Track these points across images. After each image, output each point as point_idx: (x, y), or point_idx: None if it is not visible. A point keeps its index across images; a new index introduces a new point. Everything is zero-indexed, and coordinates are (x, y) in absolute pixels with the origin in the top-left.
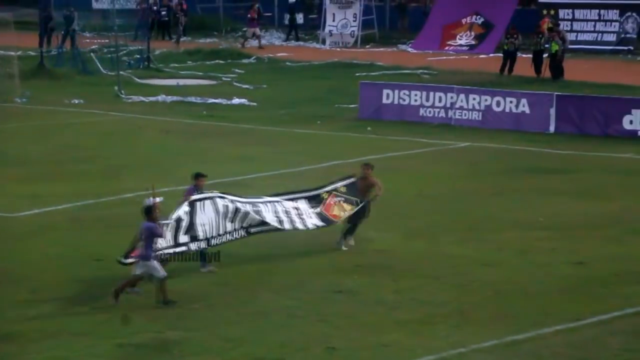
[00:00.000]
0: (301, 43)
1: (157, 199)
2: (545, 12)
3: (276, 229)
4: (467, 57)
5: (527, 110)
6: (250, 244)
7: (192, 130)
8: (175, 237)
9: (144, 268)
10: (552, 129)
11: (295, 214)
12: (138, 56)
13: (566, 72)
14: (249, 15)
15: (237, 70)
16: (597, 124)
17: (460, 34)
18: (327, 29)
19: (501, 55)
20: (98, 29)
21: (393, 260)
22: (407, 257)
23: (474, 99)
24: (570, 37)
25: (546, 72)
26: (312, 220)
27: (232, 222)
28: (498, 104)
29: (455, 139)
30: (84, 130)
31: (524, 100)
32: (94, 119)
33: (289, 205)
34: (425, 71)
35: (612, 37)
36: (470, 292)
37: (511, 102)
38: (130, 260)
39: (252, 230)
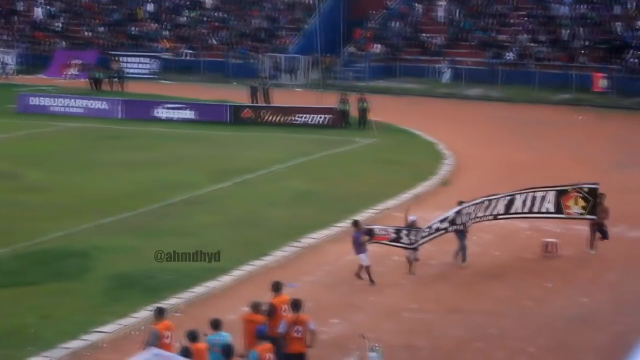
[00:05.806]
0: None
1: (412, 217)
2: None
3: (516, 217)
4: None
5: None
6: None
7: None
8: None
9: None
10: None
11: (539, 201)
12: None
13: None
14: None
15: None
16: None
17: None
18: None
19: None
20: None
21: None
22: None
23: None
24: None
25: None
26: (547, 205)
27: (485, 210)
28: None
29: None
30: None
31: None
32: None
33: (539, 194)
34: None
35: None
36: None
37: None
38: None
39: (500, 217)
